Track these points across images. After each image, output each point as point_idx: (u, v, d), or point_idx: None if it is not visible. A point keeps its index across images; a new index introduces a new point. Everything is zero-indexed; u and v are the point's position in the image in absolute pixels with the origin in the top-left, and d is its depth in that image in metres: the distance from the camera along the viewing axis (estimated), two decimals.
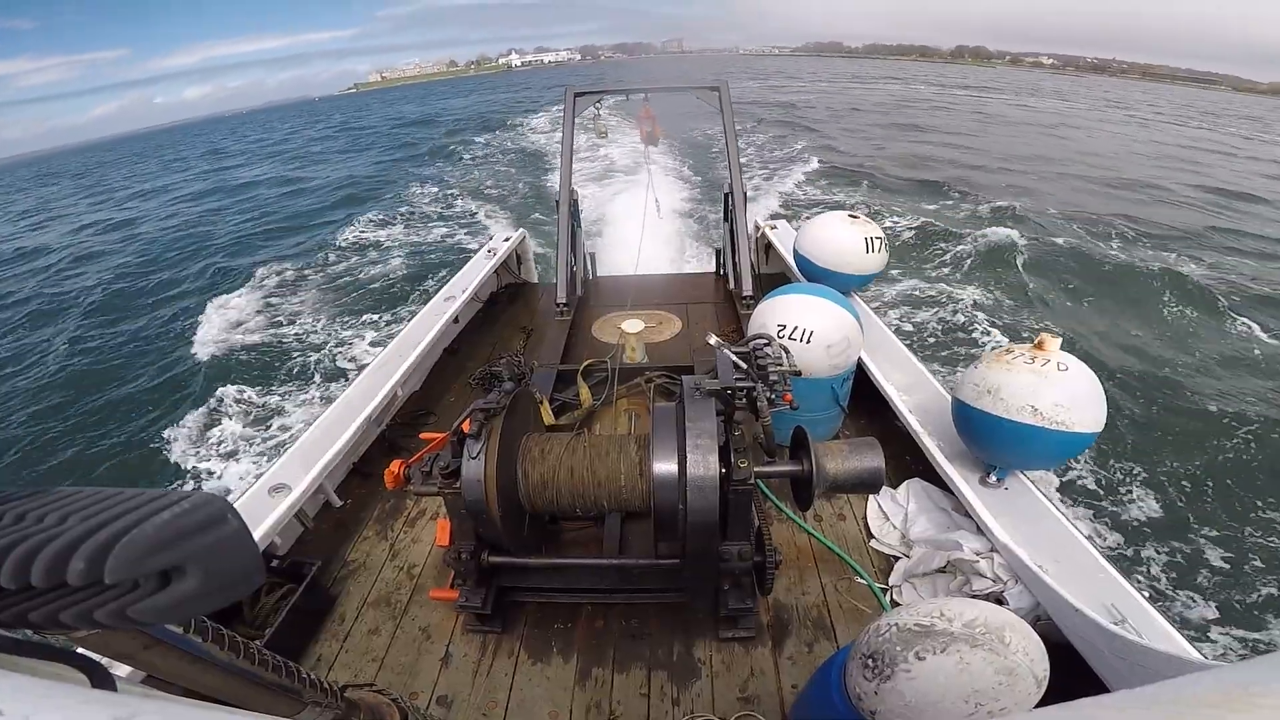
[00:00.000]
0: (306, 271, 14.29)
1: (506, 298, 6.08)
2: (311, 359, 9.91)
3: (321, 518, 3.15)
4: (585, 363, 4.04)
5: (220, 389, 9.05)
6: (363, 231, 17.19)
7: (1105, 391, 2.46)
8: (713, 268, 6.44)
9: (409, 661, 2.41)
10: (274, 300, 12.75)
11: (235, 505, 0.58)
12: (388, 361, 3.96)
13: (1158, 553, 5.73)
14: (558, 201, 5.43)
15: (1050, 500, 2.64)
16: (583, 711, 2.20)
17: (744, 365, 2.22)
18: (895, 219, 15.30)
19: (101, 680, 0.67)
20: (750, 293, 4.99)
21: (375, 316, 11.30)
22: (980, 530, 2.56)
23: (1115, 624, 1.90)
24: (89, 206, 31.90)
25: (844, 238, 4.14)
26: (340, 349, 10.17)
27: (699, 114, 5.63)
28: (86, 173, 55.30)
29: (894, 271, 12.23)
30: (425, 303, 5.04)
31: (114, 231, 23.43)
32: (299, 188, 26.78)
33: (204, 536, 0.54)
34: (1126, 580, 2.21)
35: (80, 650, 0.68)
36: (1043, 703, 1.16)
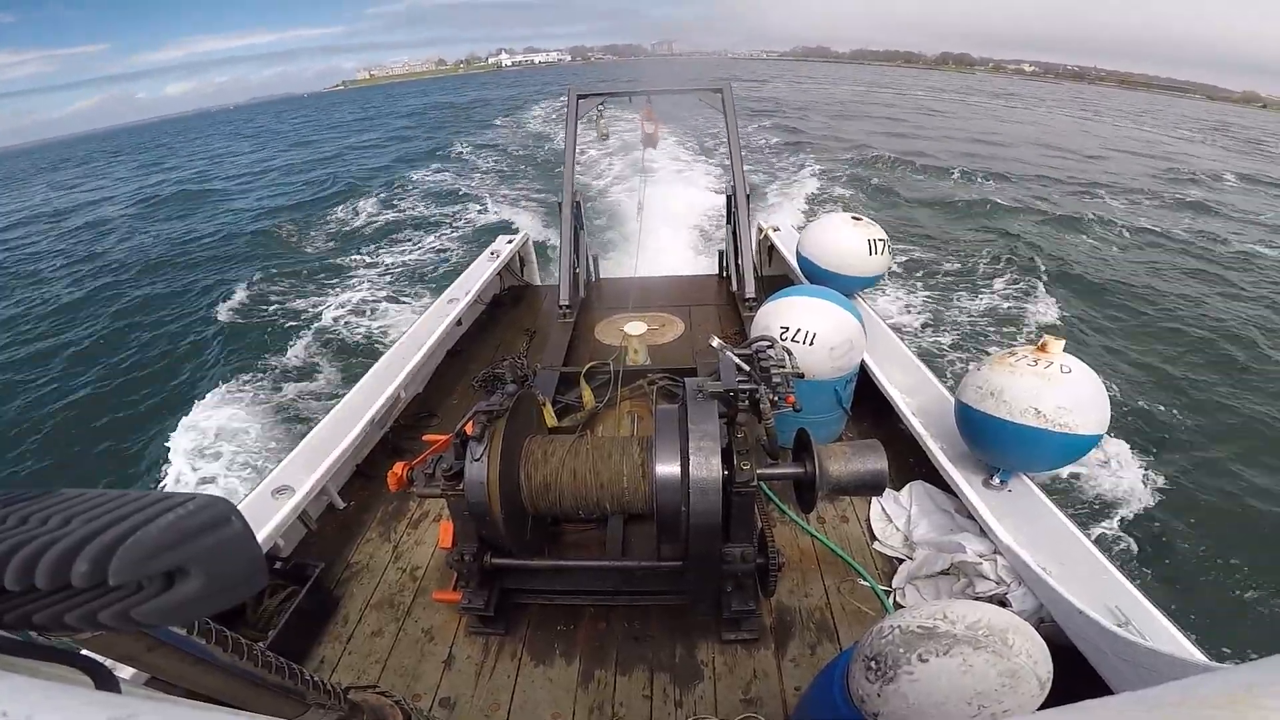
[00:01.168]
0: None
1: (509, 300, 6.08)
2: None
3: (325, 520, 3.15)
4: (588, 365, 4.04)
5: None
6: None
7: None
8: (715, 270, 6.44)
9: (412, 663, 2.41)
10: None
11: (238, 507, 0.59)
12: (391, 364, 3.96)
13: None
14: (560, 204, 5.43)
15: (1053, 502, 2.63)
16: (585, 713, 2.20)
17: (747, 367, 2.22)
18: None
19: (105, 682, 0.67)
20: (753, 295, 4.98)
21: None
22: (983, 532, 2.56)
23: (1119, 626, 1.90)
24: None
25: (847, 240, 4.14)
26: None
27: (699, 108, 5.69)
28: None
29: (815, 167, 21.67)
30: (430, 305, 5.05)
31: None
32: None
33: (207, 538, 0.54)
34: (1130, 582, 2.21)
35: (84, 652, 0.68)
36: (1046, 705, 1.15)
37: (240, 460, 7.29)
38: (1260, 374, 8.99)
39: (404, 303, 11.47)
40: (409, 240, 15.50)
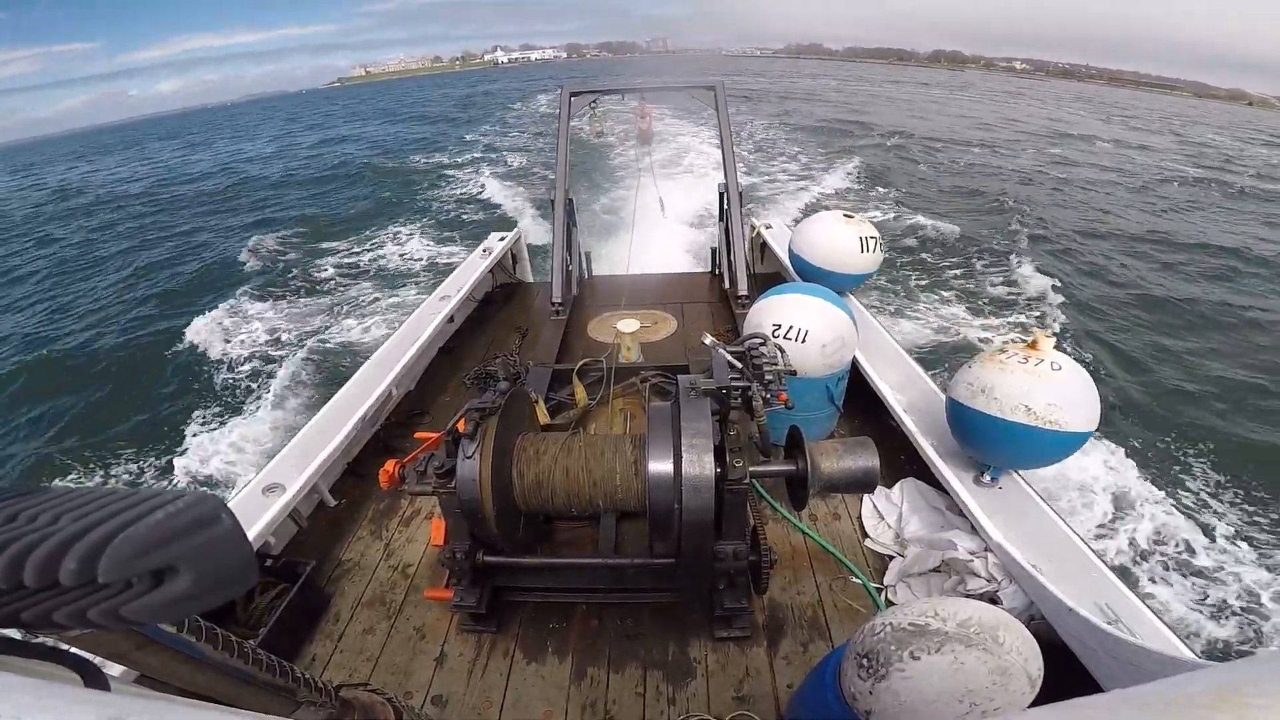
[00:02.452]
0: None
1: (501, 297, 6.06)
2: None
3: (316, 517, 3.14)
4: (580, 362, 4.03)
5: None
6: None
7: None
8: (708, 267, 6.44)
9: (403, 661, 2.41)
10: None
11: (229, 505, 0.58)
12: (382, 361, 3.95)
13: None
14: (553, 201, 5.41)
15: (1044, 499, 2.65)
16: (578, 711, 2.20)
17: (739, 365, 2.23)
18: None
19: (94, 680, 0.67)
20: (745, 292, 4.98)
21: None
22: (974, 530, 2.57)
23: (1109, 623, 1.91)
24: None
25: (839, 237, 4.14)
26: None
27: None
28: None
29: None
30: (421, 301, 5.04)
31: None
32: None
33: (197, 536, 0.53)
34: (1120, 579, 2.23)
35: (73, 650, 0.67)
36: (1037, 702, 1.16)
37: None
38: None
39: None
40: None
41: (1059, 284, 11.78)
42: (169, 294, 13.96)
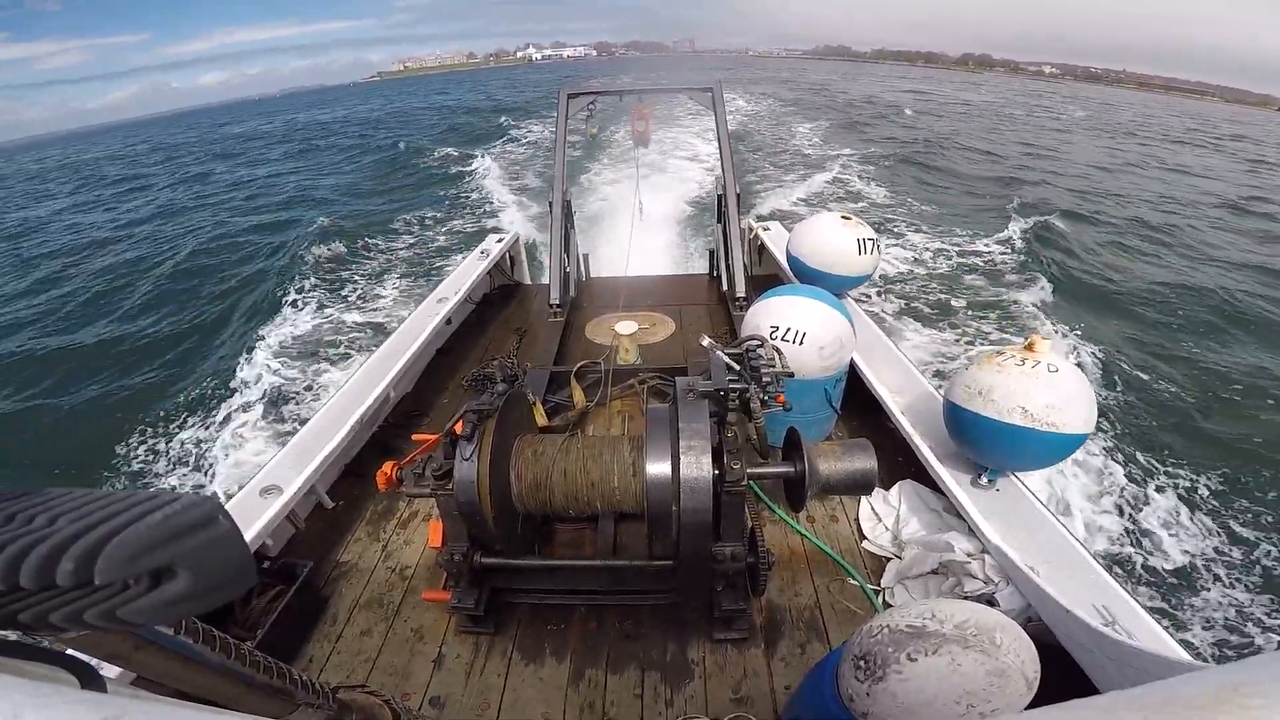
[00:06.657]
0: None
1: (499, 299, 6.06)
2: None
3: (313, 519, 3.13)
4: (579, 364, 4.03)
5: None
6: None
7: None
8: (705, 269, 6.44)
9: (401, 663, 2.40)
10: None
11: (226, 506, 0.58)
12: (380, 363, 3.94)
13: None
14: (551, 203, 5.41)
15: (1041, 501, 2.65)
16: (576, 712, 2.20)
17: (737, 367, 2.23)
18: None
19: (91, 681, 0.67)
20: (743, 294, 4.99)
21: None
22: (972, 531, 2.57)
23: (1105, 625, 1.91)
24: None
25: (836, 239, 4.15)
26: None
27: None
28: None
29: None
30: (421, 302, 5.03)
31: None
32: None
33: (195, 537, 0.53)
34: (1116, 581, 2.23)
35: (70, 651, 0.67)
36: (1034, 704, 1.16)
37: None
38: None
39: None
40: None
41: None
42: None
